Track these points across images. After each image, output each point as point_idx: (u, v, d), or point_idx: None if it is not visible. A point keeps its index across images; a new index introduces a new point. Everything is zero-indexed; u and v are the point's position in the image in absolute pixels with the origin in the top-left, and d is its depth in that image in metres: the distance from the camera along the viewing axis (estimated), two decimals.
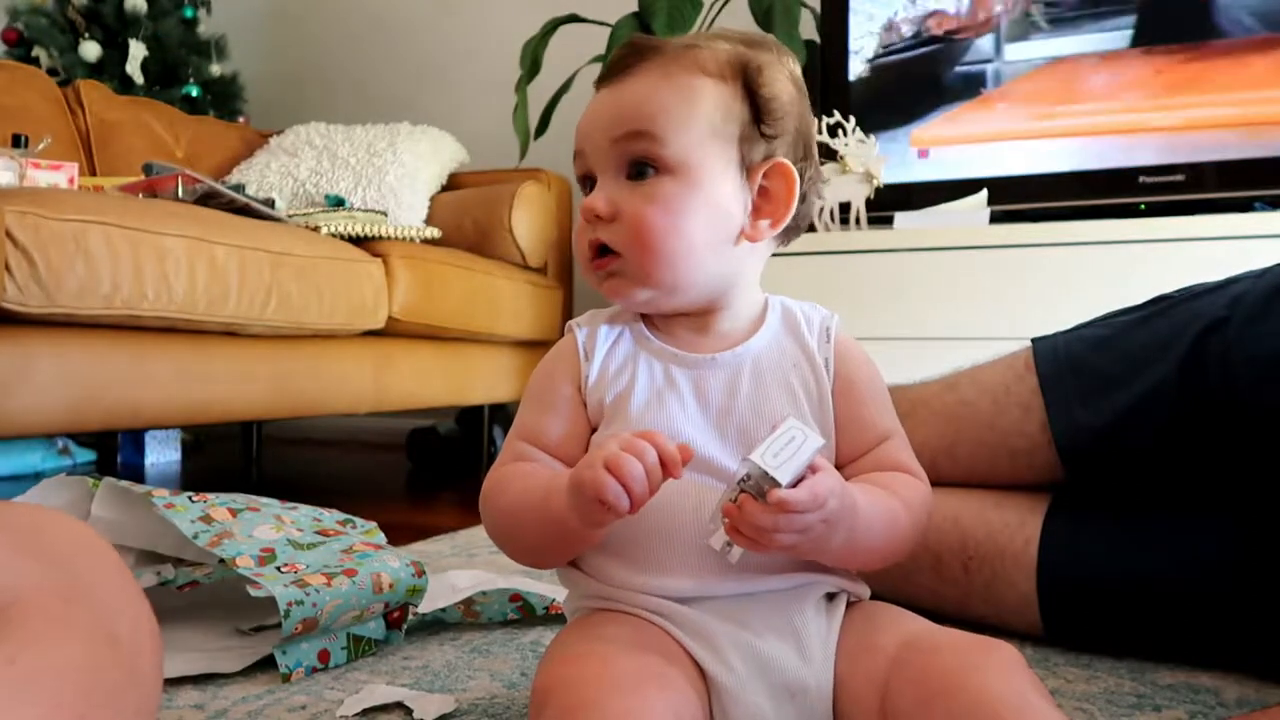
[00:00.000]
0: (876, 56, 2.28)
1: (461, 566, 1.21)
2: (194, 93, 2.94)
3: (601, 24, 2.39)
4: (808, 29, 2.41)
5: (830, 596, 0.62)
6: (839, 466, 0.63)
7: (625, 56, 0.64)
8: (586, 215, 0.62)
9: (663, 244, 0.61)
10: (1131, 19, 2.09)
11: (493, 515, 0.63)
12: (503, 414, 2.58)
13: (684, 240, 0.61)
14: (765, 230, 0.64)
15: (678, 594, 0.59)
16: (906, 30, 2.27)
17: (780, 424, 0.54)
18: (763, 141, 0.63)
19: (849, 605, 0.63)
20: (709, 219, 0.62)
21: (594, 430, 0.64)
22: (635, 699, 0.50)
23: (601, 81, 0.65)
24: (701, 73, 0.62)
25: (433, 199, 2.48)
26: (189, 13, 2.99)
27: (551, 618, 0.99)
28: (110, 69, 2.82)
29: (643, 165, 0.61)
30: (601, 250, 0.63)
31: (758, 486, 0.52)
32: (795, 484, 0.52)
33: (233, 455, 2.78)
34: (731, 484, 0.54)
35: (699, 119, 0.61)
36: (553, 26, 2.41)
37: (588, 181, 0.65)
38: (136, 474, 2.38)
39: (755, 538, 0.53)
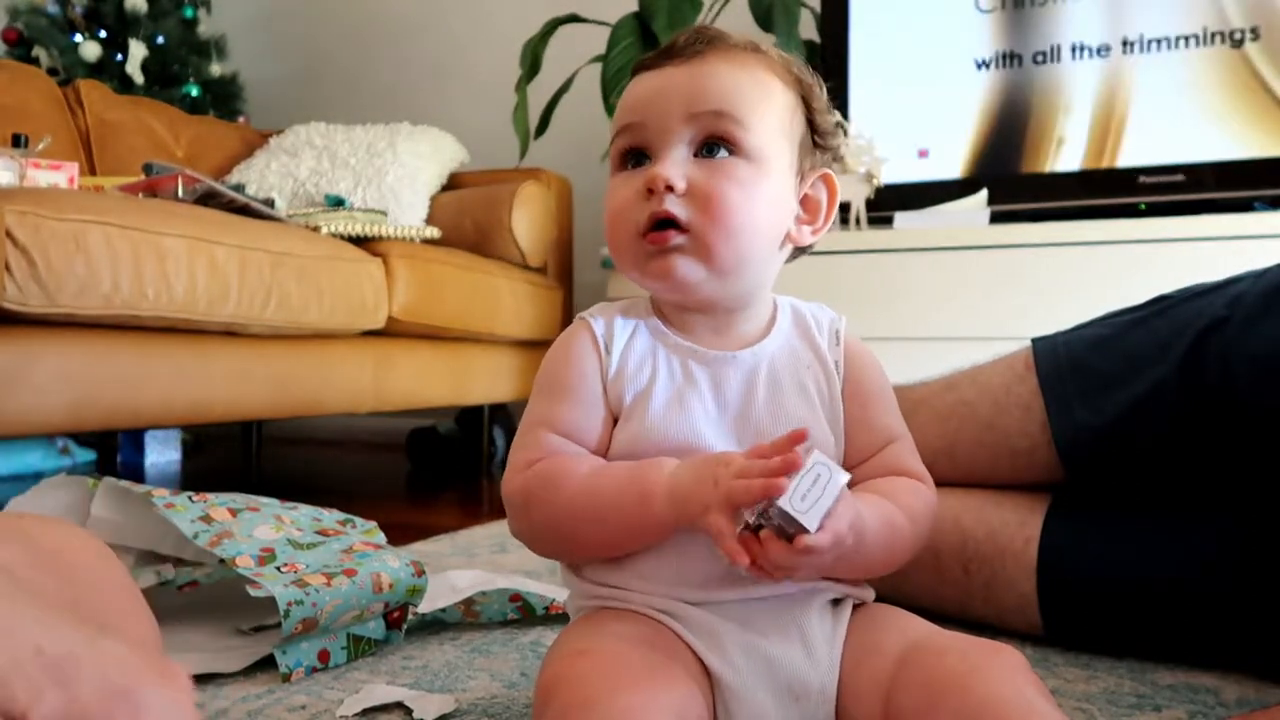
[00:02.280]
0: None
1: (461, 566, 1.21)
2: (194, 93, 2.95)
3: (601, 24, 2.39)
4: (808, 29, 2.41)
5: (835, 601, 0.62)
6: (845, 469, 0.63)
7: (693, 41, 0.63)
8: (655, 186, 0.60)
9: (736, 221, 0.60)
10: None
11: (551, 510, 0.60)
12: (503, 414, 2.58)
13: (753, 223, 0.61)
14: (806, 236, 0.65)
15: (683, 596, 0.59)
16: None
17: (806, 458, 0.53)
18: (815, 152, 0.65)
19: (854, 608, 0.63)
20: (770, 212, 0.62)
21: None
22: (639, 696, 0.50)
23: (661, 61, 0.63)
24: (773, 73, 0.63)
25: (433, 199, 2.48)
26: (189, 13, 2.99)
27: (551, 618, 0.99)
28: (110, 69, 2.82)
29: (717, 144, 0.61)
30: (662, 224, 0.60)
31: (780, 528, 0.52)
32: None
33: (233, 455, 2.78)
34: (751, 511, 0.53)
35: (774, 114, 0.62)
36: (553, 26, 2.41)
37: (631, 155, 0.63)
38: (136, 474, 2.38)
39: (771, 573, 0.53)
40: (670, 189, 0.59)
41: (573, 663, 0.54)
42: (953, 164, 2.23)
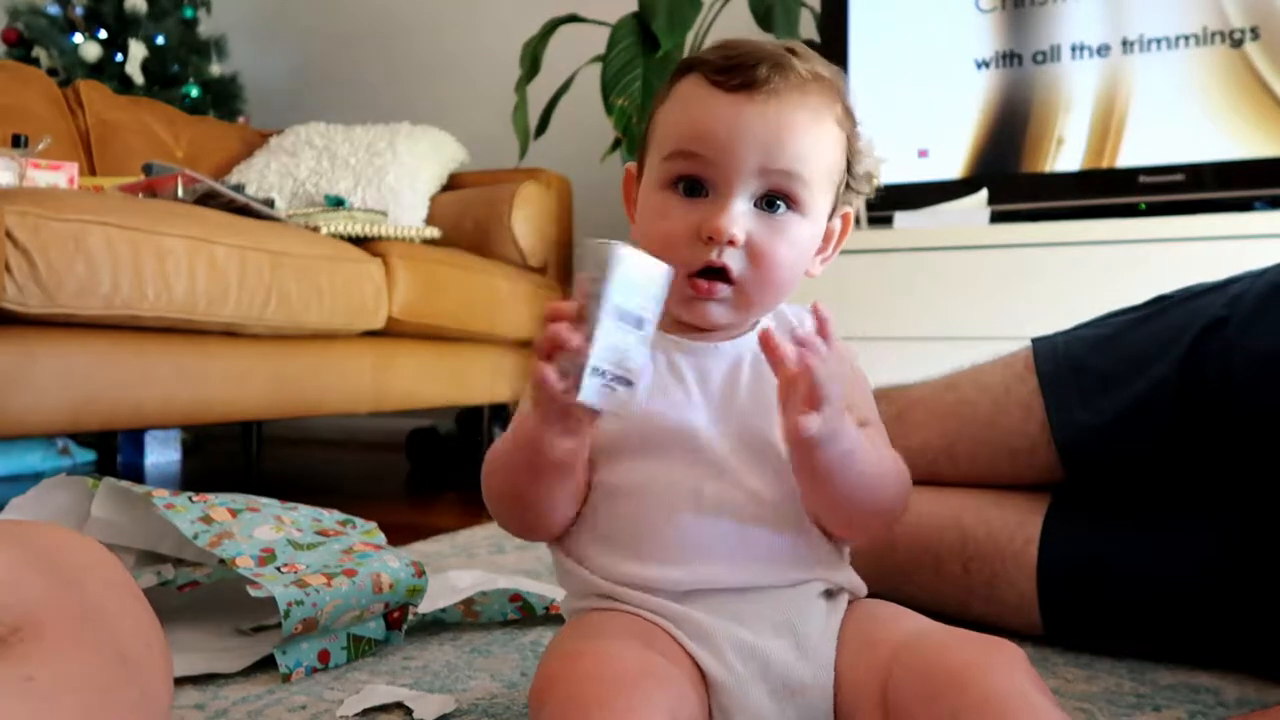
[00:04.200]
0: None
1: (461, 566, 1.21)
2: (194, 93, 2.95)
3: (601, 24, 2.39)
4: (808, 29, 2.41)
5: (829, 595, 0.62)
6: None
7: (766, 72, 0.60)
8: (718, 238, 0.59)
9: (783, 280, 0.63)
10: None
11: (486, 482, 0.64)
12: (503, 414, 2.57)
13: (794, 275, 0.63)
14: (817, 267, 0.67)
15: (676, 586, 0.60)
16: None
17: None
18: (849, 193, 0.66)
19: (848, 603, 0.63)
20: (806, 256, 0.64)
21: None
22: (633, 697, 0.50)
23: (730, 84, 0.60)
24: (833, 117, 0.63)
25: (433, 199, 2.48)
26: (189, 13, 2.99)
27: (551, 618, 0.99)
28: (110, 69, 2.82)
29: (778, 199, 0.61)
30: (712, 272, 0.60)
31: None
32: None
33: (233, 455, 2.78)
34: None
35: (830, 167, 0.63)
36: (553, 26, 2.41)
37: (681, 182, 0.62)
38: (136, 474, 2.38)
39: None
40: (731, 243, 0.60)
41: (566, 664, 0.54)
42: (953, 164, 2.22)
